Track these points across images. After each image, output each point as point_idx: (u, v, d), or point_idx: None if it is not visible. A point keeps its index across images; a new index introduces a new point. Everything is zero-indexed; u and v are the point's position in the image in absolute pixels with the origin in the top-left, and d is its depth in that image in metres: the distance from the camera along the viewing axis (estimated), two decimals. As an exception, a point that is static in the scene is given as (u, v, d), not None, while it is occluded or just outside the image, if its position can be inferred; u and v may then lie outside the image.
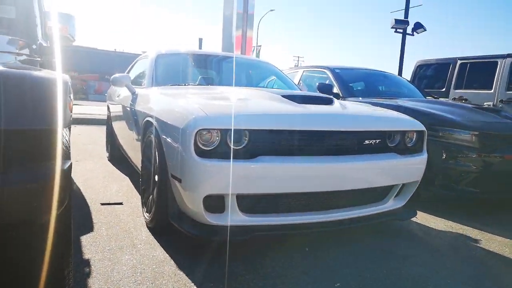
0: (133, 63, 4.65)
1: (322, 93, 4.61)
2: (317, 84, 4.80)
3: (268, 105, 2.49)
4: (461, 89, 6.17)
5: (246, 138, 2.17)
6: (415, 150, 2.78)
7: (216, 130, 2.11)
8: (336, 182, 2.34)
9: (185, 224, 2.25)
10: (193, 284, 1.94)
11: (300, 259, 2.28)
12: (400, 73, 12.00)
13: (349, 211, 2.53)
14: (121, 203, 3.19)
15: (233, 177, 2.10)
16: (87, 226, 2.66)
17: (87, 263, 2.11)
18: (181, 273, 2.05)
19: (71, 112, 1.38)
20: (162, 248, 2.34)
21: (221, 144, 2.14)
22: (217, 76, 3.88)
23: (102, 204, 3.16)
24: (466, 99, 5.92)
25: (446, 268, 2.28)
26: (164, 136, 2.37)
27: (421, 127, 2.77)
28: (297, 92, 3.18)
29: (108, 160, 4.96)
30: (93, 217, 2.86)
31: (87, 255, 2.20)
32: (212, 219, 2.19)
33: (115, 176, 4.16)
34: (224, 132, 2.12)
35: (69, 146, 1.42)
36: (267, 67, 4.31)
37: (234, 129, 2.12)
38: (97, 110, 12.19)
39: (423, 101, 4.42)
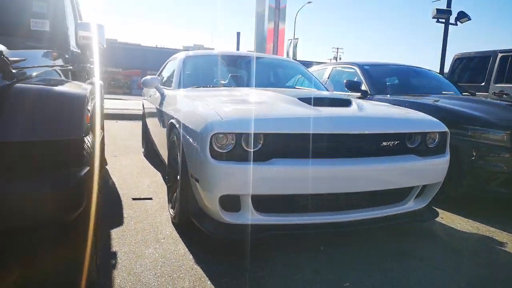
0: (165, 64, 4.84)
1: (350, 90, 4.63)
2: (344, 81, 4.79)
3: (283, 108, 2.55)
4: (501, 83, 5.89)
5: (261, 141, 2.25)
6: (437, 151, 2.74)
7: (231, 134, 2.21)
8: (349, 184, 2.38)
9: (204, 222, 2.38)
10: (207, 278, 2.06)
11: (313, 258, 2.34)
12: (442, 66, 11.52)
13: (366, 211, 2.55)
14: (150, 198, 3.38)
15: (247, 178, 2.20)
16: (118, 220, 2.87)
17: (114, 255, 2.29)
18: (198, 267, 2.18)
19: (89, 123, 1.52)
20: (183, 244, 2.49)
21: (236, 147, 2.24)
22: (243, 77, 3.98)
23: (134, 199, 3.36)
24: (507, 94, 5.66)
25: (462, 272, 2.27)
26: (184, 138, 2.50)
27: (443, 128, 2.73)
28: (315, 93, 3.18)
29: (144, 155, 5.21)
30: (124, 211, 3.06)
31: (115, 247, 2.39)
32: (228, 217, 2.30)
33: (148, 171, 4.39)
34: (239, 136, 2.22)
35: (90, 153, 1.56)
36: (292, 66, 4.35)
37: (248, 133, 2.21)
38: (139, 105, 12.68)
39: (454, 98, 4.28)
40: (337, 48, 70.42)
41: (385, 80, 5.01)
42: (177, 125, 2.70)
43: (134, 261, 2.22)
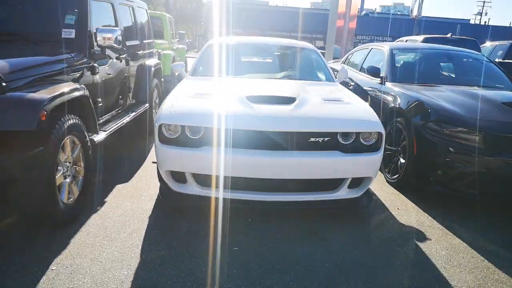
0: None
1: (370, 75, 4.79)
2: (366, 66, 4.94)
3: (227, 105, 3.08)
4: None
5: (201, 132, 2.88)
6: (371, 148, 3.01)
7: (174, 125, 2.90)
8: (269, 171, 2.87)
9: (163, 190, 3.15)
10: (152, 229, 2.86)
11: (241, 225, 2.95)
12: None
13: (295, 195, 3.03)
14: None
15: (185, 159, 2.90)
16: (126, 178, 3.82)
17: (102, 205, 3.23)
18: (149, 219, 3.00)
19: (44, 119, 2.37)
20: (153, 202, 3.32)
21: (182, 135, 2.92)
22: (253, 65, 4.49)
23: (153, 162, 4.30)
24: None
25: (349, 256, 2.64)
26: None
27: (376, 128, 2.97)
28: (263, 92, 3.41)
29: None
30: (137, 171, 4.02)
31: (111, 200, 3.34)
32: (175, 187, 3.03)
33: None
34: (182, 126, 2.89)
35: (46, 137, 2.44)
36: (306, 54, 4.67)
37: (187, 126, 2.87)
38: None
39: (457, 91, 4.08)
40: (483, 2, 60.03)
41: (413, 67, 4.93)
42: (158, 112, 3.47)
43: (112, 211, 3.13)
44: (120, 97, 4.35)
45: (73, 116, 2.90)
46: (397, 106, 4.08)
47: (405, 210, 3.44)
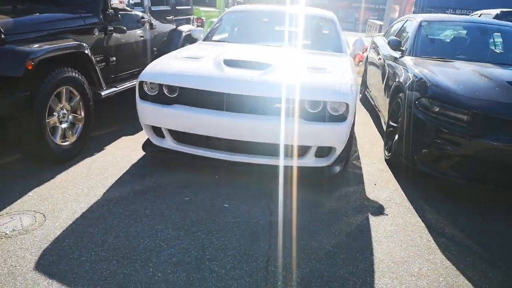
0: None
1: (393, 48, 4.62)
2: (388, 39, 4.73)
3: (201, 67, 3.24)
4: None
5: (176, 91, 3.12)
6: (338, 118, 3.00)
7: (151, 83, 3.17)
8: (227, 132, 3.02)
9: (146, 143, 3.47)
10: (130, 175, 3.22)
11: (208, 180, 3.18)
12: None
13: (259, 157, 3.15)
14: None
15: (159, 115, 3.17)
16: (140, 134, 4.22)
17: (99, 151, 3.67)
18: (130, 166, 3.36)
19: (31, 68, 2.77)
20: (140, 154, 3.67)
21: (160, 92, 3.18)
22: (263, 32, 4.55)
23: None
24: None
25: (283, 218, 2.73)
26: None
27: (340, 99, 2.95)
28: (242, 57, 3.44)
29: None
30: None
31: (108, 148, 3.77)
32: (155, 141, 3.34)
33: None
34: (159, 85, 3.15)
35: (32, 82, 2.86)
36: (320, 23, 4.59)
37: (163, 84, 3.12)
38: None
39: (458, 66, 3.75)
40: None
41: (438, 40, 4.59)
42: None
43: (104, 155, 3.55)
44: (139, 58, 4.72)
45: (70, 69, 3.30)
46: (400, 81, 3.89)
47: (381, 187, 3.37)
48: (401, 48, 4.57)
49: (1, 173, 3.07)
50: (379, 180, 3.50)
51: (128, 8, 4.06)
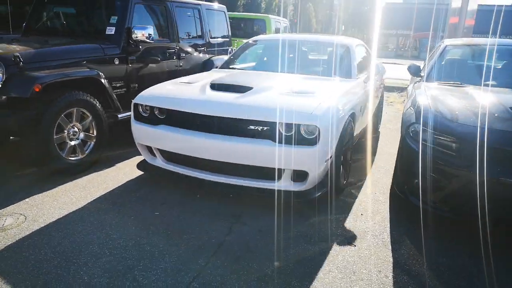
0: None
1: (412, 74, 4.45)
2: (408, 66, 4.54)
3: (189, 90, 3.43)
4: None
5: (164, 113, 3.34)
6: (309, 142, 2.94)
7: (141, 105, 3.43)
8: (208, 153, 3.12)
9: (141, 162, 3.72)
10: (111, 188, 3.48)
11: (189, 199, 3.30)
12: None
13: (238, 179, 3.18)
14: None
15: (149, 135, 3.41)
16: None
17: (106, 168, 4.01)
18: (122, 182, 3.62)
19: (38, 91, 3.22)
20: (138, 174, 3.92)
21: (150, 114, 3.44)
22: (275, 60, 4.64)
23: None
24: None
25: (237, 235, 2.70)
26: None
27: (309, 121, 2.90)
28: (227, 81, 3.62)
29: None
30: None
31: (117, 165, 4.11)
32: (149, 159, 3.58)
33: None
34: (149, 106, 3.40)
35: (36, 103, 3.30)
36: (332, 50, 4.56)
37: (149, 105, 3.37)
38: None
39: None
40: None
41: (460, 65, 4.25)
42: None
43: (108, 172, 3.88)
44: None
45: (81, 93, 3.72)
46: (406, 108, 3.68)
47: (367, 218, 3.16)
48: (421, 74, 4.34)
49: (16, 181, 3.52)
50: (368, 211, 3.29)
51: (149, 41, 4.46)
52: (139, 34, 4.39)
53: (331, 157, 3.17)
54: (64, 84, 3.59)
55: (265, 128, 3.02)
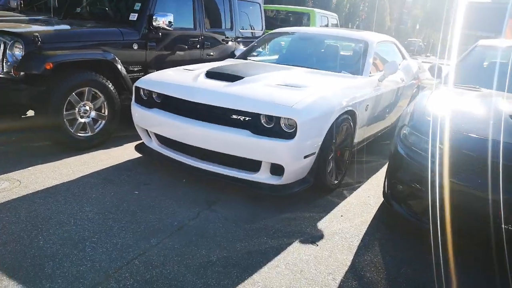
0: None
1: (432, 75, 4.20)
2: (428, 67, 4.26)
3: (185, 77, 3.50)
4: None
5: (160, 97, 3.46)
6: (290, 135, 2.88)
7: (142, 88, 3.58)
8: (193, 139, 3.18)
9: (140, 144, 3.87)
10: (110, 164, 3.68)
11: (175, 182, 3.40)
12: None
13: (220, 167, 3.22)
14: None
15: (144, 118, 3.55)
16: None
17: (114, 146, 4.23)
18: (123, 160, 3.81)
19: (50, 69, 3.50)
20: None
21: (149, 98, 3.58)
22: (291, 53, 4.58)
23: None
24: None
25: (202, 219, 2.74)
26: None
27: (288, 115, 2.84)
28: (223, 69, 3.62)
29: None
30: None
31: (125, 145, 4.33)
32: (146, 142, 3.73)
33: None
34: (147, 90, 3.54)
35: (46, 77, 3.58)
36: (347, 46, 4.38)
37: (150, 90, 3.49)
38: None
39: None
40: None
41: (487, 67, 3.88)
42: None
43: (114, 150, 4.09)
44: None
45: (94, 74, 3.95)
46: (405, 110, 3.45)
47: (345, 219, 3.04)
48: (442, 75, 4.03)
49: (26, 151, 3.85)
50: (350, 213, 3.15)
51: (169, 28, 4.61)
52: (160, 22, 4.54)
53: (314, 153, 3.08)
54: (79, 64, 3.84)
55: (247, 118, 3.01)
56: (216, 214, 2.91)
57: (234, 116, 3.05)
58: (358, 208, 3.26)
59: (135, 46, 4.49)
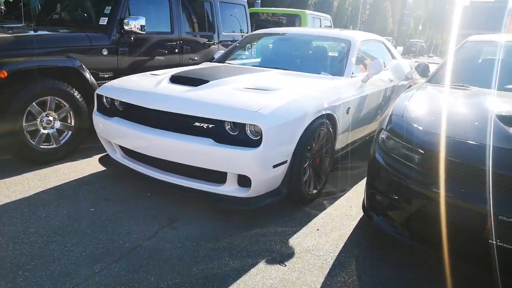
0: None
1: (418, 73, 3.94)
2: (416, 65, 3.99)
3: (148, 82, 3.23)
4: None
5: (122, 105, 3.20)
6: (255, 143, 2.61)
7: (102, 96, 3.32)
8: (155, 150, 2.91)
9: (102, 157, 3.59)
10: (74, 178, 3.42)
11: (140, 193, 3.13)
12: None
13: (184, 179, 2.93)
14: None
15: (105, 128, 3.29)
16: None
17: (80, 159, 3.98)
18: (88, 173, 3.55)
19: (4, 77, 3.25)
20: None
21: (111, 106, 3.32)
22: (268, 55, 4.31)
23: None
24: None
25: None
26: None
27: (251, 121, 2.57)
28: (189, 73, 3.41)
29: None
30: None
31: (93, 156, 4.07)
32: (111, 153, 3.46)
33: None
34: (111, 99, 3.27)
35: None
36: (328, 46, 4.11)
37: (111, 98, 3.23)
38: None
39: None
40: None
41: (476, 64, 3.60)
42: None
43: (79, 162, 3.84)
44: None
45: (57, 82, 3.71)
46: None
47: (321, 234, 2.75)
48: (428, 74, 3.75)
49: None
50: (328, 226, 2.86)
51: (142, 32, 4.36)
52: (132, 25, 4.30)
53: (285, 162, 2.80)
54: (43, 72, 3.60)
55: (210, 126, 2.74)
56: (176, 232, 2.64)
57: (197, 124, 2.78)
58: (338, 220, 2.97)
59: (105, 52, 4.25)
